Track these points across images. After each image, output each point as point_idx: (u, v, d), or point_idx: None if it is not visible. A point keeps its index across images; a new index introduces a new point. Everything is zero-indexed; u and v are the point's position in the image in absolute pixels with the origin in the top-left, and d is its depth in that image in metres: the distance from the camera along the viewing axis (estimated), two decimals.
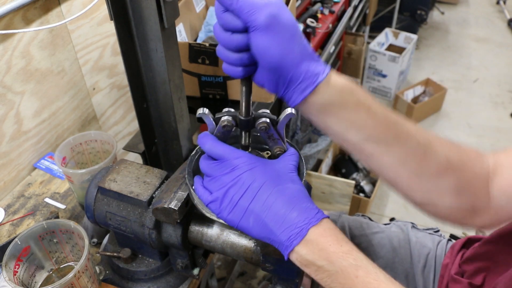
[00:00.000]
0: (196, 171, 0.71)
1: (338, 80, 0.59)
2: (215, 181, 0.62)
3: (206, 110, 0.64)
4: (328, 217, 0.60)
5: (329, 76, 0.58)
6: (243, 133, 0.67)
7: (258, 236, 0.60)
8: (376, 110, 0.61)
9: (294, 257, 0.59)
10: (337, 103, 0.59)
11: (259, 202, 0.59)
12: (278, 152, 0.68)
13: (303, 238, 0.58)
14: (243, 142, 0.68)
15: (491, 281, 0.78)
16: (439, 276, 0.97)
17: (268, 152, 0.73)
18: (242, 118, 0.64)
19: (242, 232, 0.64)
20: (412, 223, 1.11)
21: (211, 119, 0.65)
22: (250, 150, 0.70)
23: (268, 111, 0.65)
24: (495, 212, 0.67)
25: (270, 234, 0.59)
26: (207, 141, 0.64)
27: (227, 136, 0.66)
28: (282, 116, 0.64)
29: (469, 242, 0.98)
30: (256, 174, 0.61)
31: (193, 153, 0.72)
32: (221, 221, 0.63)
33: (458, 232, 2.16)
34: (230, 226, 0.63)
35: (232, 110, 0.65)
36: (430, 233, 1.07)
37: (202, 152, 0.70)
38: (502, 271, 0.73)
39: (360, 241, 1.06)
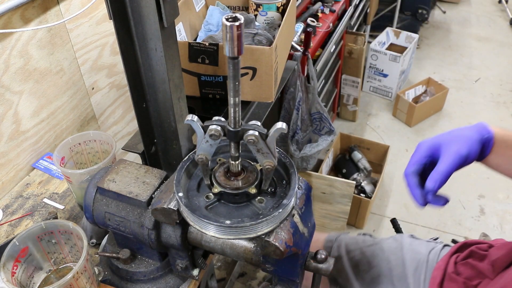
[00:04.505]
0: (186, 179, 0.71)
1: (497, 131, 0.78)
2: None
3: (195, 117, 0.63)
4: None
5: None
6: (232, 144, 0.65)
7: None
8: None
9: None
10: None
11: None
12: (267, 167, 0.67)
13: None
14: (232, 152, 0.67)
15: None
16: (430, 277, 0.99)
17: None
18: (231, 129, 0.63)
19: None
20: (412, 235, 1.14)
21: (200, 126, 0.64)
22: (240, 160, 0.69)
23: (259, 123, 0.64)
24: None
25: None
26: None
27: (216, 143, 0.65)
28: (272, 130, 0.63)
29: (464, 246, 1.00)
30: None
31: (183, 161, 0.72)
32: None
33: (460, 238, 2.16)
34: None
35: (223, 119, 0.64)
36: (427, 241, 1.09)
37: (193, 160, 0.72)
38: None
39: (355, 254, 1.10)
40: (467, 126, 0.78)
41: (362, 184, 2.33)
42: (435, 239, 1.11)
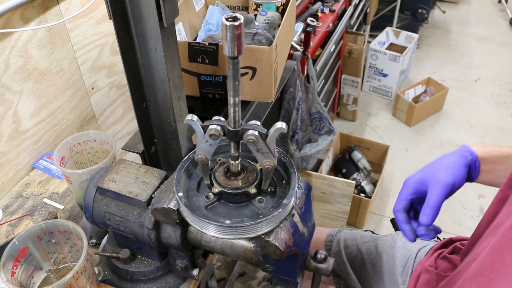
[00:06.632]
0: (186, 179, 0.72)
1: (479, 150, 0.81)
2: None
3: (195, 117, 0.63)
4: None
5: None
6: (232, 143, 0.66)
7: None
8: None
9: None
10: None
11: None
12: (267, 167, 0.67)
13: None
14: (232, 152, 0.67)
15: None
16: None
17: None
18: (231, 128, 0.63)
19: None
20: None
21: (200, 126, 0.64)
22: (240, 160, 0.69)
23: (258, 123, 0.64)
24: None
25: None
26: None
27: (215, 143, 0.65)
28: (272, 129, 0.63)
29: (450, 242, 1.02)
30: None
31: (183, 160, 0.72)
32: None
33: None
34: None
35: (222, 119, 0.64)
36: (422, 239, 1.09)
37: (193, 160, 0.73)
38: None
39: (352, 250, 1.12)
40: (450, 153, 0.80)
41: (362, 184, 2.33)
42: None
